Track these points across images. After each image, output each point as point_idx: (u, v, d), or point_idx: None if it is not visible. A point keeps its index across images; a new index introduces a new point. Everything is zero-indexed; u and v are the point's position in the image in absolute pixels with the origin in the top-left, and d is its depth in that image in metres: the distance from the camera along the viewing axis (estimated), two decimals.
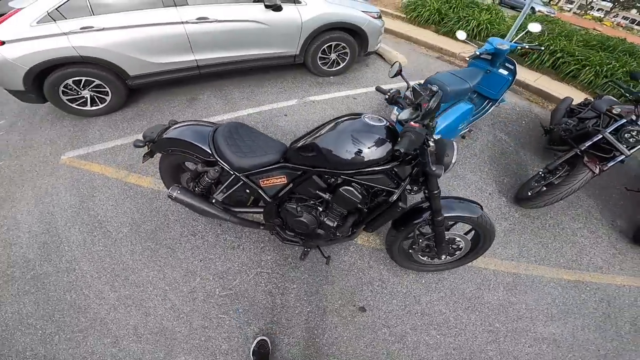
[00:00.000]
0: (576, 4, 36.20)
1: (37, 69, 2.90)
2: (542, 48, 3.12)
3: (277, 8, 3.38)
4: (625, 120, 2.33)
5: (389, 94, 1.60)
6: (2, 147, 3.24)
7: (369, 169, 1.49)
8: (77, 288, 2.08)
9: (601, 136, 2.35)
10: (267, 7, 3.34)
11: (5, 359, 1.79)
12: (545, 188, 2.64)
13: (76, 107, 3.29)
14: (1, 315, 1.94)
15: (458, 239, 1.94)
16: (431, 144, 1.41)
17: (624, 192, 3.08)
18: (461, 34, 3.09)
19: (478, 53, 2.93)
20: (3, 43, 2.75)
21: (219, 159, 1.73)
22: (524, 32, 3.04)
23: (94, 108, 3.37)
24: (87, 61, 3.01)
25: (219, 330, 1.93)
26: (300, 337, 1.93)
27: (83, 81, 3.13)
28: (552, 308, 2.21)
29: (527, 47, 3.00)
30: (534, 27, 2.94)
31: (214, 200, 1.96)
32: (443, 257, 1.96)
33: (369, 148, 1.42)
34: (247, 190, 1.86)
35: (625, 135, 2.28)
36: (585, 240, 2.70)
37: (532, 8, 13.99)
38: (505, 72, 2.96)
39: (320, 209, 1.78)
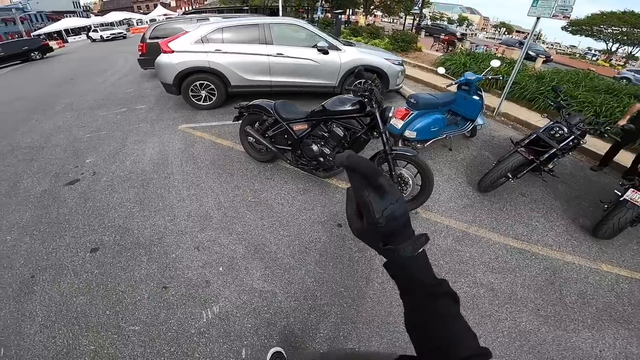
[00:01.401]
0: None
1: (184, 71, 4.43)
2: (501, 77, 3.69)
3: (325, 52, 4.61)
4: (552, 122, 2.81)
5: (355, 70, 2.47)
6: (143, 117, 4.86)
7: (348, 115, 2.43)
8: (166, 187, 3.09)
9: (535, 135, 2.81)
10: (319, 51, 4.59)
11: (88, 227, 2.59)
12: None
13: (195, 101, 4.77)
14: (110, 199, 2.94)
15: (406, 175, 2.53)
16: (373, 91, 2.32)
17: (597, 202, 3.03)
18: (441, 69, 3.85)
19: (455, 83, 3.65)
20: (173, 51, 4.34)
21: (275, 114, 2.83)
22: (489, 68, 3.71)
23: (204, 104, 4.83)
24: (212, 71, 4.48)
25: (240, 219, 2.66)
26: (293, 234, 2.53)
27: (204, 84, 4.60)
28: (494, 262, 2.33)
29: (489, 77, 3.65)
30: (495, 63, 3.64)
31: (267, 135, 3.01)
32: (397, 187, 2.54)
33: (348, 105, 2.41)
34: (285, 136, 2.88)
35: (551, 132, 2.74)
36: (539, 225, 2.78)
37: None
38: (477, 98, 3.55)
39: (322, 143, 2.66)
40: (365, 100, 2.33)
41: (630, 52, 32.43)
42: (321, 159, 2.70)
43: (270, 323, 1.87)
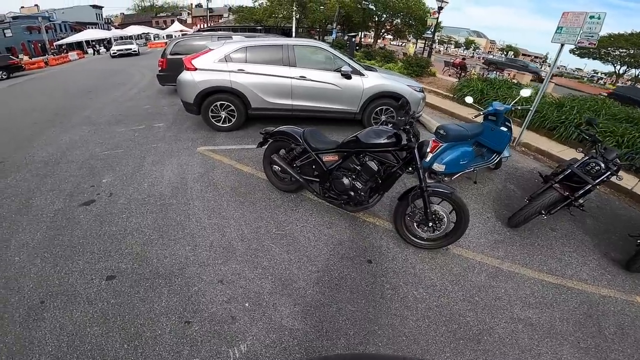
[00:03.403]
0: None
1: (206, 90, 4.45)
2: (531, 108, 3.66)
3: (348, 77, 4.64)
4: (587, 157, 2.76)
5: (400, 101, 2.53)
6: (161, 137, 4.89)
7: (382, 149, 2.39)
8: (185, 214, 3.03)
9: (570, 170, 2.76)
10: (342, 75, 4.62)
11: (104, 253, 2.52)
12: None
13: (214, 122, 4.79)
14: (127, 224, 2.88)
15: (441, 212, 2.47)
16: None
17: (626, 237, 3.04)
18: (469, 99, 3.85)
19: (483, 114, 3.63)
20: (196, 69, 4.39)
21: (304, 143, 2.80)
22: (519, 97, 3.69)
23: (223, 125, 4.85)
24: (233, 92, 4.50)
25: (265, 252, 2.59)
26: (321, 269, 2.45)
27: (224, 105, 4.64)
28: (530, 298, 2.32)
29: (519, 107, 3.63)
30: (525, 92, 3.63)
31: (294, 165, 2.98)
32: (430, 224, 2.46)
33: (383, 138, 2.37)
34: (313, 166, 2.85)
35: (587, 168, 2.69)
36: (572, 260, 2.77)
37: None
38: (505, 129, 3.51)
39: (354, 176, 2.62)
40: (404, 133, 2.30)
41: (637, 75, 32.88)
42: (352, 193, 2.64)
43: None
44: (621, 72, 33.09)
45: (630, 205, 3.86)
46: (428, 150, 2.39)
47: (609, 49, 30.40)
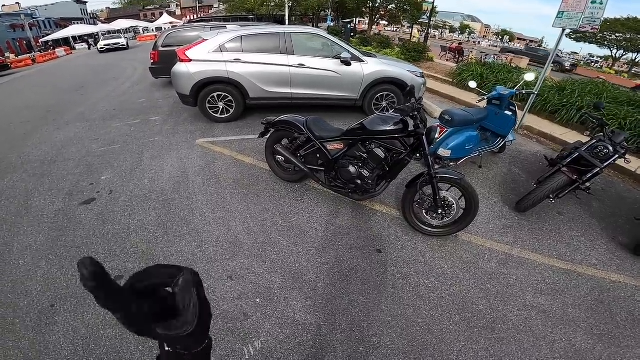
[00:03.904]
0: None
1: (202, 82, 4.31)
2: (535, 93, 3.62)
3: (348, 64, 4.51)
4: (595, 141, 2.72)
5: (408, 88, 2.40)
6: (158, 130, 4.76)
7: (390, 136, 2.31)
8: (189, 209, 2.95)
9: (577, 154, 2.72)
10: (341, 62, 4.50)
11: (109, 252, 2.45)
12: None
13: (212, 113, 4.66)
14: (130, 222, 2.80)
15: (450, 198, 2.43)
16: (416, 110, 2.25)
17: (632, 220, 3.04)
18: (472, 83, 3.77)
19: (487, 98, 3.56)
20: (190, 60, 4.25)
21: (307, 131, 2.71)
22: (522, 82, 3.64)
23: (221, 116, 4.72)
24: (230, 82, 4.36)
25: (273, 246, 2.54)
26: (331, 261, 2.42)
27: (222, 96, 4.50)
28: (542, 285, 2.31)
29: (523, 92, 3.57)
30: (529, 77, 3.57)
31: (298, 155, 2.90)
32: (440, 211, 2.42)
33: (390, 125, 2.28)
34: (318, 155, 2.77)
35: (595, 151, 2.66)
36: (581, 244, 2.74)
37: None
38: (509, 113, 3.45)
39: (360, 164, 2.54)
40: (412, 119, 2.23)
41: (634, 59, 32.88)
42: (359, 182, 2.58)
43: (317, 358, 1.78)
44: (617, 56, 33.02)
45: (635, 187, 3.83)
46: (437, 136, 2.31)
47: (606, 33, 30.19)
